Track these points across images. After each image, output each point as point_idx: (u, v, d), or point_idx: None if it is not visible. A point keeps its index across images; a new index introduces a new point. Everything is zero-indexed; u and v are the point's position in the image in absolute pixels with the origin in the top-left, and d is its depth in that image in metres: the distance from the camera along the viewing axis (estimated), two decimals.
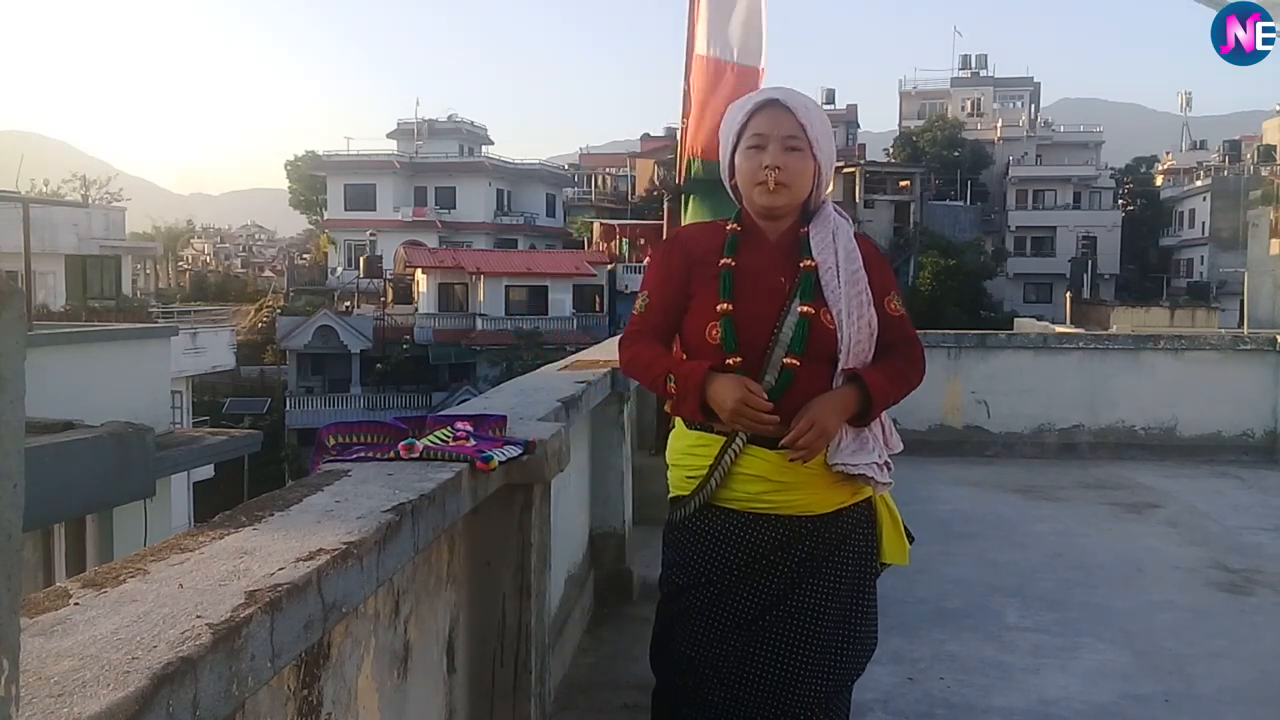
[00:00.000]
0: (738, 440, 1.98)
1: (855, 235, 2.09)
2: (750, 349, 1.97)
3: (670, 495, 2.13)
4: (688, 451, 2.07)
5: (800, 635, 1.97)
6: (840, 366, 1.99)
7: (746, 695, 1.97)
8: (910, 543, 2.18)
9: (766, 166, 1.99)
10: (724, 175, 2.14)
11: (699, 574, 2.03)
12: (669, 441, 2.15)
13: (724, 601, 2.00)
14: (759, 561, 1.99)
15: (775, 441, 1.95)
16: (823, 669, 1.97)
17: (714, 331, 1.99)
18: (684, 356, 2.10)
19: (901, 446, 2.12)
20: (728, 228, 2.10)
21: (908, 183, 48.57)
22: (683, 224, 4.28)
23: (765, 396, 1.92)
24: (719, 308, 1.99)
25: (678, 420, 2.13)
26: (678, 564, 2.08)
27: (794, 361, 1.96)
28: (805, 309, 1.97)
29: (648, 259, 2.18)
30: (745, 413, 1.90)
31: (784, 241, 2.07)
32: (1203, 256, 52.51)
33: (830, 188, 2.14)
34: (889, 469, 2.05)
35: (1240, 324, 24.70)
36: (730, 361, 1.97)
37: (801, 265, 2.02)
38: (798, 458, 1.92)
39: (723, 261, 2.03)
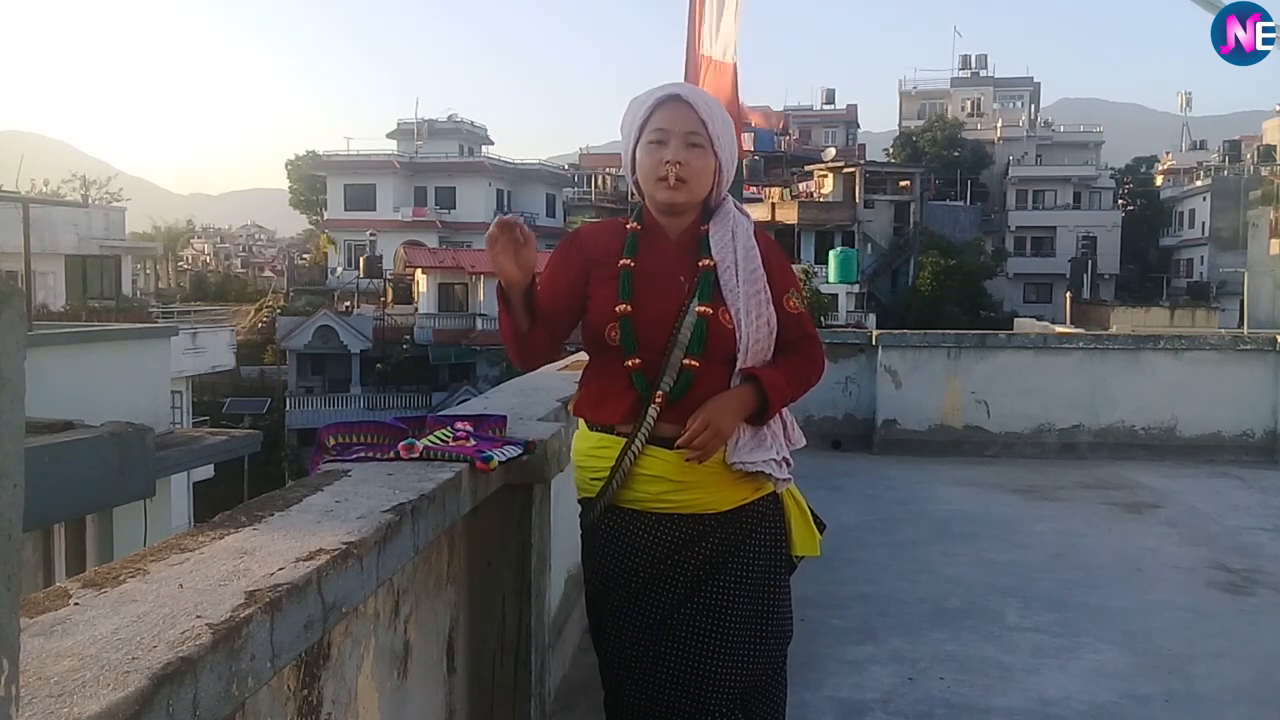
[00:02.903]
0: (637, 441, 1.97)
1: (755, 233, 2.08)
2: (649, 350, 1.97)
3: (578, 498, 2.13)
4: (589, 453, 2.06)
5: (709, 632, 1.96)
6: (739, 366, 1.98)
7: (659, 695, 1.96)
8: (821, 532, 2.16)
9: (667, 161, 1.98)
10: (625, 171, 2.13)
11: (609, 579, 2.03)
12: (573, 443, 2.14)
13: (634, 604, 1.99)
14: (664, 562, 1.98)
15: (674, 441, 1.94)
16: (734, 665, 1.96)
17: (613, 333, 1.98)
18: (587, 358, 2.11)
19: (804, 442, 2.11)
20: (628, 226, 2.09)
21: (908, 183, 48.54)
22: None
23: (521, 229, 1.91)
24: (617, 309, 1.98)
25: (580, 421, 2.12)
26: (592, 570, 2.08)
27: (693, 363, 1.95)
28: (703, 309, 1.97)
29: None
30: (491, 244, 1.90)
31: (684, 240, 2.06)
32: (1203, 256, 52.52)
33: (730, 185, 2.12)
34: (788, 465, 2.04)
35: (1240, 324, 24.73)
36: (629, 363, 1.97)
37: (700, 264, 2.01)
38: (694, 457, 1.92)
39: (621, 262, 2.02)
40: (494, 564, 2.16)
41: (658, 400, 1.96)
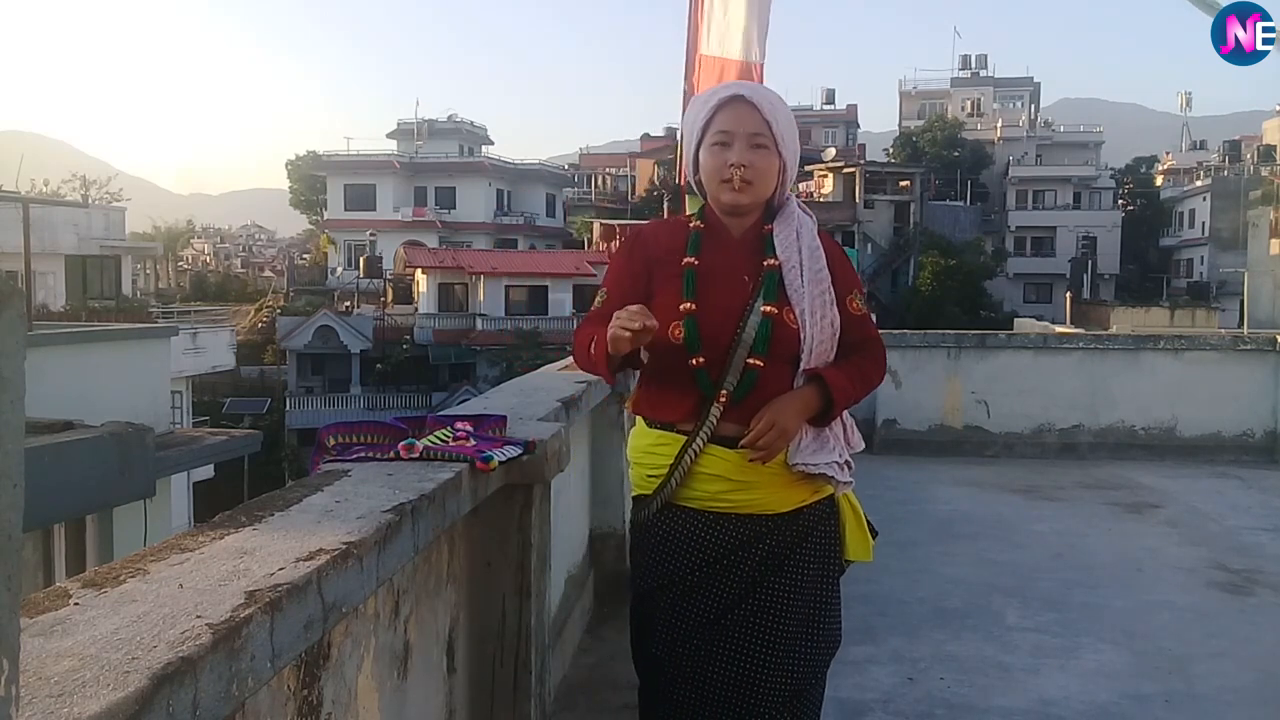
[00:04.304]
0: (698, 439, 1.96)
1: (819, 233, 2.08)
2: (713, 349, 1.96)
3: (633, 494, 2.12)
4: (648, 450, 2.05)
5: (762, 634, 1.95)
6: (802, 366, 1.97)
7: (710, 695, 1.96)
8: (874, 538, 2.16)
9: (732, 165, 1.96)
10: (688, 171, 2.12)
11: (663, 576, 2.02)
12: (630, 439, 2.13)
13: (687, 602, 1.99)
14: (720, 561, 1.98)
15: (735, 441, 1.94)
16: (785, 667, 1.96)
17: (677, 331, 1.97)
18: (646, 357, 2.08)
19: (863, 445, 2.11)
20: (691, 225, 2.08)
21: (908, 183, 48.55)
22: None
23: (647, 318, 1.82)
24: (682, 307, 1.96)
25: (639, 419, 2.11)
26: (643, 566, 2.07)
27: (757, 362, 1.94)
28: (768, 309, 1.96)
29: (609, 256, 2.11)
30: (615, 329, 1.82)
31: (748, 239, 2.05)
32: (1203, 256, 52.53)
33: (794, 185, 2.13)
34: (849, 468, 2.04)
35: (1240, 324, 24.72)
36: (694, 361, 1.96)
37: (765, 264, 2.00)
38: (757, 458, 1.91)
39: (686, 260, 2.01)
40: (494, 564, 2.16)
41: (721, 399, 1.95)
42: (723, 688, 1.95)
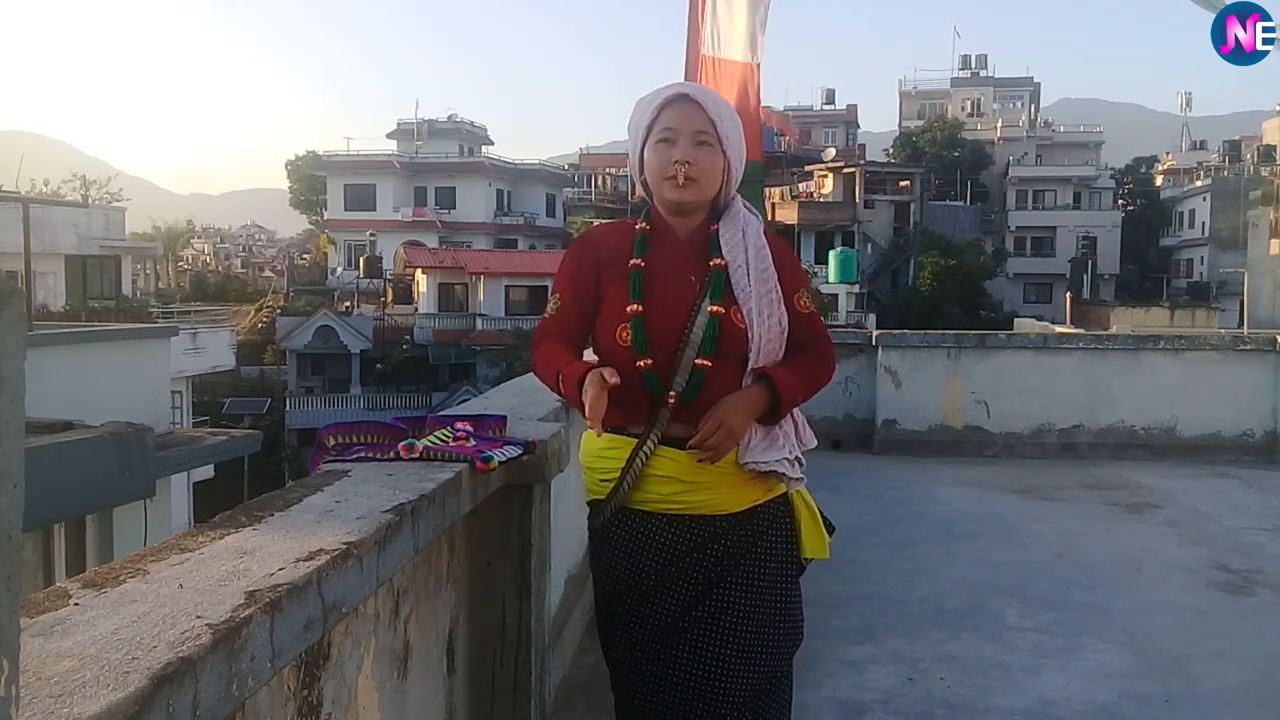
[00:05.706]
0: (649, 442, 1.96)
1: (765, 232, 2.08)
2: (661, 350, 1.95)
3: (587, 500, 2.12)
4: (599, 454, 2.05)
5: (720, 635, 1.95)
6: (750, 365, 1.97)
7: (670, 697, 1.95)
8: (830, 534, 2.15)
9: (676, 161, 1.97)
10: (632, 171, 2.12)
11: (620, 581, 2.02)
12: (582, 444, 2.13)
13: (645, 606, 1.98)
14: (676, 563, 1.97)
15: (686, 442, 1.94)
16: (745, 668, 1.95)
17: (624, 333, 1.97)
18: (597, 359, 2.08)
19: (815, 443, 2.10)
20: (637, 227, 2.08)
21: (908, 183, 48.53)
22: None
23: (614, 388, 1.86)
24: (629, 309, 1.96)
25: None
26: (602, 572, 2.07)
27: (705, 362, 1.94)
28: (715, 308, 1.96)
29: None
30: (589, 407, 1.87)
31: (694, 240, 2.05)
32: (1203, 257, 52.53)
33: (739, 184, 2.11)
34: (801, 465, 2.04)
35: (1240, 324, 24.74)
36: (641, 363, 1.95)
37: (711, 264, 2.00)
38: (706, 458, 1.91)
39: (632, 262, 2.01)
40: (494, 564, 2.16)
41: (670, 400, 1.95)
42: (683, 690, 1.95)
